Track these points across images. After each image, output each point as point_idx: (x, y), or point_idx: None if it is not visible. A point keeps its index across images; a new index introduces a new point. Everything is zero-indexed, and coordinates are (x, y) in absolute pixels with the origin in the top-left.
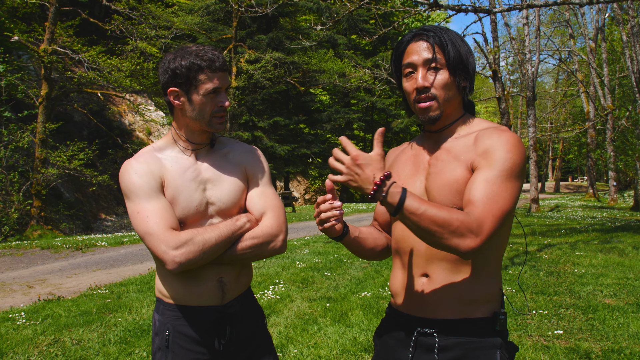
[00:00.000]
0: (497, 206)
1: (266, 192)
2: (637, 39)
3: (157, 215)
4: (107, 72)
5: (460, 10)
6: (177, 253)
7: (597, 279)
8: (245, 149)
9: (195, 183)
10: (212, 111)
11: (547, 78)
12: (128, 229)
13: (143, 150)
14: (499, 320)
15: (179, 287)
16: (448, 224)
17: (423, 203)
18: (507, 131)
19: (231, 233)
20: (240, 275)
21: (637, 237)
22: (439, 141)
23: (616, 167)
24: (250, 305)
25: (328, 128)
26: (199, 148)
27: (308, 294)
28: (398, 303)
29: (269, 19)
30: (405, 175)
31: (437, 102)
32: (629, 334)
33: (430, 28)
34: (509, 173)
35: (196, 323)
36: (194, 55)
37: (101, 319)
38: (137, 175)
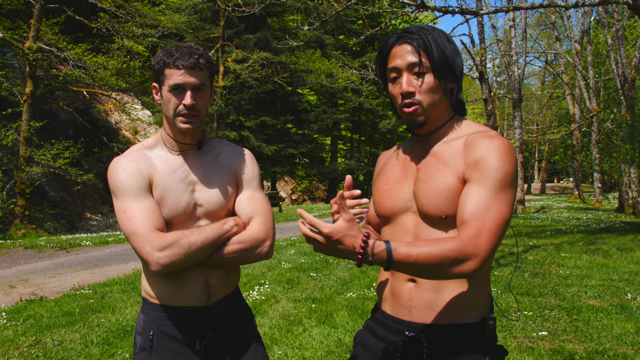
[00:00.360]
0: (492, 221)
1: (255, 196)
2: (622, 42)
3: (144, 215)
4: (93, 70)
5: (447, 12)
6: (161, 255)
7: (582, 280)
8: (236, 151)
9: (184, 184)
10: (175, 109)
11: (533, 80)
12: (113, 228)
13: (133, 147)
14: (488, 325)
15: (164, 288)
16: (444, 258)
17: (412, 249)
18: (497, 137)
19: (217, 237)
20: (228, 276)
21: (621, 238)
22: (428, 145)
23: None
24: (237, 305)
25: (315, 128)
26: (185, 149)
27: (293, 295)
28: (386, 306)
29: (256, 18)
30: (393, 179)
31: (421, 107)
32: (613, 335)
33: (414, 30)
34: (502, 184)
35: (180, 324)
36: (167, 51)
37: (84, 320)
38: (126, 173)
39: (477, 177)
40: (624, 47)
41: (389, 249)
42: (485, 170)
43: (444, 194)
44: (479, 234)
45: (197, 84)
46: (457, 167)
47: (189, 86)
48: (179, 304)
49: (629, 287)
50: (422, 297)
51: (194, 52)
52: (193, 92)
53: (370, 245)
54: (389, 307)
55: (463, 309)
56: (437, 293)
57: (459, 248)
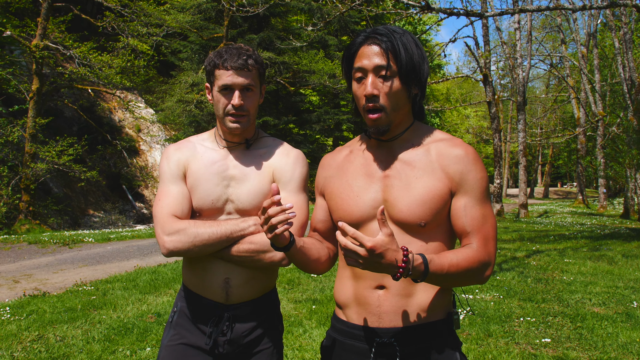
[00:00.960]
0: (490, 228)
1: (287, 200)
2: (630, 45)
3: (167, 200)
4: (98, 68)
5: (452, 14)
6: (168, 239)
7: (586, 287)
8: (283, 151)
9: (218, 177)
10: (225, 108)
11: (537, 83)
12: (115, 225)
13: (188, 138)
14: (454, 320)
15: (189, 273)
16: (469, 269)
17: (443, 261)
18: (465, 146)
19: (229, 233)
20: (252, 279)
21: (626, 245)
22: (393, 150)
23: (606, 174)
24: (265, 312)
25: (317, 129)
26: (231, 146)
27: (294, 296)
28: (349, 315)
29: (260, 18)
30: (358, 187)
31: (385, 113)
32: (618, 344)
33: (383, 31)
34: (486, 192)
35: (198, 310)
36: (218, 52)
37: (86, 316)
38: (167, 161)
39: (466, 189)
40: (631, 51)
41: (425, 262)
42: (471, 183)
43: (427, 202)
44: (486, 243)
45: (246, 84)
46: (438, 176)
47: (237, 86)
48: (199, 293)
49: (634, 295)
50: (393, 303)
51: (242, 53)
52: (241, 92)
53: (411, 260)
54: (354, 315)
55: (431, 308)
56: (408, 297)
57: (479, 258)
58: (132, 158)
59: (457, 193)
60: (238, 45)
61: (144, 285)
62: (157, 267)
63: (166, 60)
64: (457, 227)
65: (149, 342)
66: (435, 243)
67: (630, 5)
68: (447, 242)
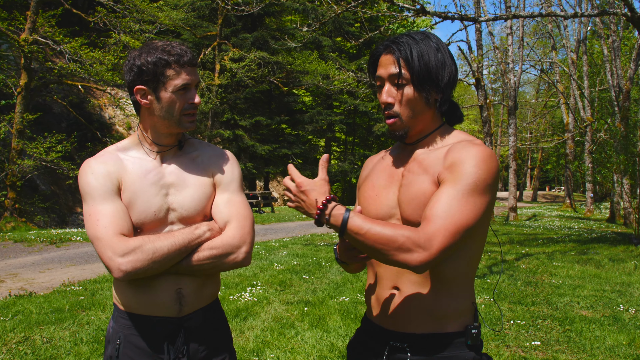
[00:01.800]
0: (452, 221)
1: (233, 200)
2: (618, 53)
3: (108, 220)
4: (89, 64)
5: (447, 18)
6: (123, 261)
7: (574, 290)
8: (216, 153)
9: (156, 187)
10: (182, 109)
11: (528, 88)
12: None
13: (106, 149)
14: (471, 334)
15: (131, 295)
16: (392, 240)
17: (367, 222)
18: (480, 145)
19: (187, 242)
20: (204, 286)
21: (613, 249)
22: (414, 153)
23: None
24: (215, 319)
25: (310, 129)
26: (165, 150)
27: (286, 297)
28: (372, 314)
29: (254, 17)
30: (379, 186)
31: (400, 119)
32: (606, 347)
33: (402, 39)
34: (473, 188)
35: (148, 334)
36: (160, 50)
37: (73, 317)
38: (94, 176)
39: (450, 178)
40: (619, 59)
41: (345, 217)
42: (458, 173)
43: (422, 199)
44: (436, 231)
45: (197, 81)
46: (435, 171)
47: (193, 84)
48: (147, 313)
49: (621, 299)
50: (405, 306)
51: (186, 49)
52: (195, 89)
53: (330, 207)
54: (374, 315)
55: (446, 318)
56: (420, 302)
57: (410, 236)
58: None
59: (441, 182)
60: (168, 41)
61: None
62: None
63: None
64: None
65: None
66: None
67: (620, 14)
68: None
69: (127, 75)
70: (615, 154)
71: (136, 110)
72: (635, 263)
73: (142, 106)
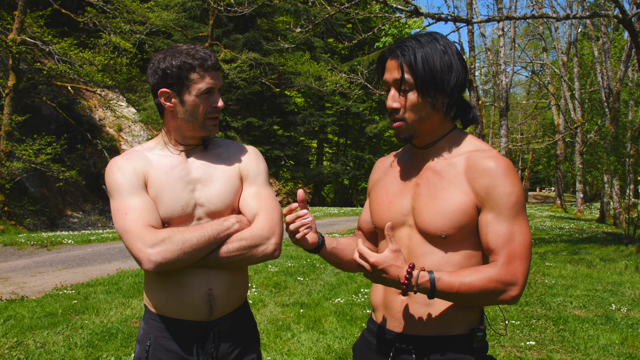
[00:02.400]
0: (519, 246)
1: (261, 193)
2: (608, 55)
3: (136, 212)
4: (79, 65)
5: (440, 19)
6: (153, 251)
7: (567, 290)
8: (240, 148)
9: (182, 182)
10: (206, 112)
11: (519, 89)
12: (95, 226)
13: (132, 148)
14: (477, 337)
15: (162, 296)
16: (485, 289)
17: (454, 278)
18: (499, 158)
19: (216, 233)
20: (234, 287)
21: (604, 249)
22: (427, 158)
23: (585, 179)
24: (243, 323)
25: (302, 131)
26: (189, 148)
27: (281, 299)
28: (378, 317)
29: (246, 18)
30: (393, 193)
31: (406, 123)
32: (599, 346)
33: (406, 44)
34: (517, 208)
35: (178, 337)
36: (184, 54)
37: (67, 321)
38: (120, 172)
39: (493, 205)
40: (609, 60)
41: (432, 280)
42: (499, 198)
43: (449, 215)
44: (511, 262)
45: (221, 85)
46: (464, 189)
47: (217, 88)
48: (177, 316)
49: (612, 298)
50: (414, 310)
51: (210, 53)
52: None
53: (415, 277)
54: (381, 318)
55: (452, 321)
56: (429, 306)
57: (498, 278)
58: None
59: (483, 209)
60: (192, 44)
61: (127, 289)
62: (140, 270)
63: (149, 58)
64: (483, 244)
65: (134, 347)
66: (457, 254)
67: (612, 16)
68: (474, 255)
69: (151, 78)
70: (605, 155)
71: (160, 113)
72: (626, 263)
73: (165, 109)
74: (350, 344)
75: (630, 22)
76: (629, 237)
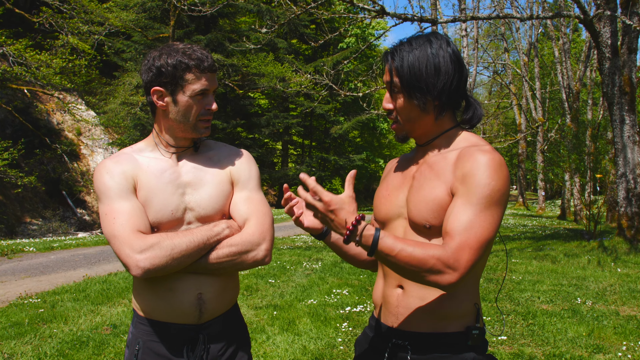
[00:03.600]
0: (475, 237)
1: (252, 198)
2: (568, 55)
3: (125, 217)
4: (35, 67)
5: (407, 19)
6: (141, 257)
7: (534, 285)
8: (232, 152)
9: (172, 186)
10: (199, 114)
11: (480, 90)
12: (57, 233)
13: (121, 150)
14: (472, 335)
15: (151, 300)
16: (424, 262)
17: (398, 243)
18: (490, 152)
19: (206, 239)
20: (224, 290)
21: (567, 244)
22: (424, 155)
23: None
24: (234, 326)
25: (266, 132)
26: (180, 151)
27: (254, 302)
28: (377, 313)
29: (207, 19)
30: (392, 187)
31: (399, 124)
32: (567, 339)
33: (398, 47)
34: (488, 201)
35: (167, 341)
36: (181, 53)
37: (35, 331)
38: (109, 175)
39: (464, 192)
40: (569, 60)
41: (376, 236)
42: (472, 186)
43: (430, 204)
44: (461, 249)
45: (216, 87)
46: (447, 179)
47: (212, 90)
48: (166, 320)
49: (578, 292)
50: (408, 304)
51: (207, 54)
52: (212, 95)
53: (361, 227)
54: (380, 313)
55: (447, 318)
56: (423, 301)
57: (440, 257)
58: (72, 162)
59: (456, 194)
60: (190, 44)
61: (95, 296)
62: (107, 277)
63: (109, 60)
64: (443, 226)
65: (107, 355)
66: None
67: (574, 16)
68: None
69: (144, 75)
70: (567, 153)
71: (152, 112)
72: (589, 257)
73: (157, 108)
74: (325, 344)
75: (591, 22)
76: (590, 233)
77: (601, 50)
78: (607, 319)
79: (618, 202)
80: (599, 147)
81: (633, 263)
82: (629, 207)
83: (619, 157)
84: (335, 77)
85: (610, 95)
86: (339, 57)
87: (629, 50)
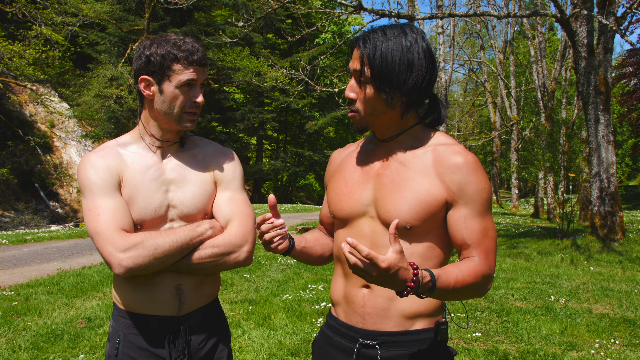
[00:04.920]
0: (491, 241)
1: (235, 198)
2: (543, 54)
3: (109, 215)
4: (8, 58)
5: (384, 15)
6: (124, 256)
7: (508, 283)
8: (218, 150)
9: (156, 183)
10: (184, 106)
11: (456, 87)
12: (29, 225)
13: (105, 144)
14: (440, 330)
15: (131, 293)
16: (475, 284)
17: (449, 277)
18: (465, 153)
19: (189, 239)
20: (203, 284)
21: (540, 242)
22: (391, 150)
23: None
24: (214, 319)
25: (241, 127)
26: (166, 145)
27: (229, 297)
28: (339, 312)
29: (183, 12)
30: (353, 182)
31: (359, 115)
32: (541, 336)
33: (371, 35)
34: (487, 203)
35: (148, 333)
36: (171, 44)
37: (8, 323)
38: (94, 170)
39: (466, 201)
40: (545, 59)
41: (433, 279)
42: (471, 195)
43: (415, 206)
44: (487, 256)
45: (204, 80)
46: (432, 182)
47: (199, 82)
48: (147, 312)
49: (551, 290)
50: (376, 304)
51: (198, 47)
52: (200, 88)
53: (420, 278)
54: (342, 313)
55: (416, 316)
56: (391, 300)
57: (483, 272)
58: (45, 155)
59: (455, 204)
60: (182, 36)
61: (69, 289)
62: (81, 270)
63: (83, 52)
64: (456, 239)
65: (82, 348)
66: (420, 246)
67: (551, 15)
68: (437, 247)
69: (134, 63)
70: (541, 152)
71: (140, 102)
72: (562, 256)
73: (144, 97)
74: (301, 339)
75: (568, 21)
76: (563, 232)
77: (577, 49)
78: (580, 317)
79: (591, 201)
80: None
81: (605, 261)
82: (602, 206)
83: (593, 156)
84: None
85: (586, 95)
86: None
87: (604, 49)
